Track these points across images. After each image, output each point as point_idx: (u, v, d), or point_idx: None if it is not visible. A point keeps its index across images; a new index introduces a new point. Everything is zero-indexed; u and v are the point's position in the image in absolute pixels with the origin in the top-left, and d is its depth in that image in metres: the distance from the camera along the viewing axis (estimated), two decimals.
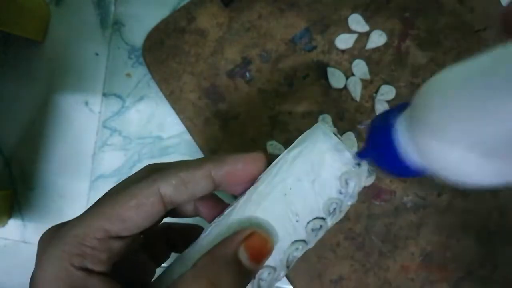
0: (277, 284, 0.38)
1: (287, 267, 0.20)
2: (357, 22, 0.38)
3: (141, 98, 0.40)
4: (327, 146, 0.19)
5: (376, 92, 0.37)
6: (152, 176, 0.18)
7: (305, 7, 0.38)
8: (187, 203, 0.20)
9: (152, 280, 0.21)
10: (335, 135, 0.20)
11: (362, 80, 0.38)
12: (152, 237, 0.24)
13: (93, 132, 0.41)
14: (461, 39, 0.37)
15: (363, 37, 0.38)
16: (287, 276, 0.37)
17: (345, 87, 0.38)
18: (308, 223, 0.19)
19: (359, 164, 0.19)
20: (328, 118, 0.37)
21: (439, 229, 0.36)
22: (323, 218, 0.19)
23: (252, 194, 0.20)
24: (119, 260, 0.19)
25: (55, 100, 0.41)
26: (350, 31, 0.38)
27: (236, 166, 0.19)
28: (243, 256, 0.17)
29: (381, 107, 0.37)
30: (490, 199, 0.36)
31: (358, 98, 0.37)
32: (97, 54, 0.41)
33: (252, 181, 0.20)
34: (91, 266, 0.17)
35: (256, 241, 0.18)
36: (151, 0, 0.40)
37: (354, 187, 0.19)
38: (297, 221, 0.19)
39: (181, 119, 0.39)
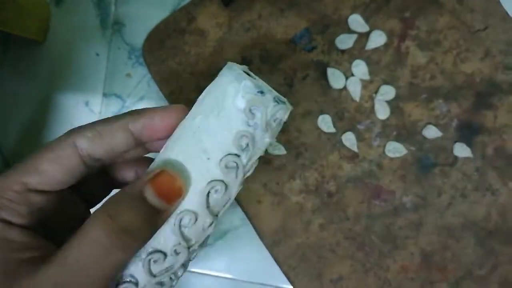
0: (277, 284, 0.38)
1: (214, 214, 0.19)
2: (357, 22, 0.38)
3: (141, 98, 0.40)
4: (229, 79, 0.19)
5: (376, 92, 0.38)
6: (70, 131, 0.19)
7: (305, 7, 0.38)
8: (107, 157, 0.19)
9: None
10: (246, 72, 0.19)
11: (362, 80, 0.38)
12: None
13: None
14: (461, 39, 0.38)
15: (363, 37, 0.38)
16: (287, 276, 0.37)
17: (345, 87, 0.38)
18: (220, 160, 0.18)
19: (262, 92, 0.18)
20: (327, 118, 0.37)
21: (439, 229, 0.36)
22: (236, 155, 0.19)
23: (168, 141, 0.19)
24: (47, 217, 0.19)
25: (55, 100, 0.41)
26: (350, 31, 0.38)
27: (153, 118, 0.19)
28: (149, 193, 0.17)
29: (380, 107, 0.37)
30: (490, 199, 0.36)
31: (357, 98, 0.37)
32: (97, 54, 0.41)
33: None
34: (9, 218, 0.17)
35: (163, 179, 0.18)
36: (151, 0, 0.40)
37: (261, 117, 0.18)
38: (208, 158, 0.18)
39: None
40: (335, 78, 0.37)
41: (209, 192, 0.19)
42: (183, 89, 0.39)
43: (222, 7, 0.39)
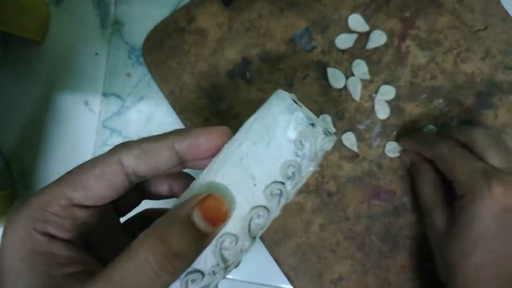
0: (277, 284, 0.38)
1: (253, 237, 0.19)
2: (357, 22, 0.38)
3: (141, 98, 0.40)
4: (280, 108, 0.19)
5: (376, 92, 0.37)
6: (116, 147, 0.19)
7: (305, 6, 0.38)
8: (151, 175, 0.20)
9: None
10: (294, 101, 0.19)
11: (362, 80, 0.38)
12: (132, 224, 0.24)
13: (93, 132, 0.41)
14: (461, 39, 0.37)
15: (363, 37, 0.38)
16: (287, 276, 0.37)
17: (345, 87, 0.38)
18: (266, 187, 0.19)
19: (313, 124, 0.19)
20: (328, 117, 0.37)
21: None
22: (281, 183, 0.19)
23: (213, 163, 0.20)
24: (89, 231, 0.19)
25: (55, 100, 0.41)
26: (350, 31, 0.38)
27: (199, 138, 0.19)
28: (197, 217, 0.17)
29: (380, 107, 0.37)
30: None
31: (358, 98, 0.37)
32: (97, 54, 0.41)
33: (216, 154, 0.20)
34: (53, 232, 0.17)
35: (210, 203, 0.18)
36: (151, 0, 0.40)
37: (310, 148, 0.19)
38: (254, 185, 0.19)
39: (181, 119, 0.39)
40: (335, 78, 0.37)
41: (252, 217, 0.19)
42: (183, 89, 0.38)
43: (222, 7, 0.39)
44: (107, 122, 0.40)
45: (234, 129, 0.38)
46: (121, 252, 0.17)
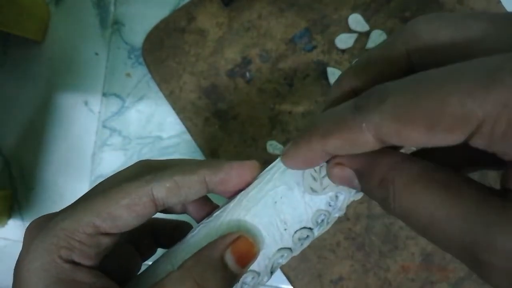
0: (277, 284, 0.38)
1: (271, 272, 0.20)
2: (357, 22, 0.38)
3: (141, 98, 0.40)
4: None
5: None
6: (146, 177, 0.19)
7: (305, 6, 0.38)
8: (178, 205, 0.20)
9: (137, 274, 0.21)
10: None
11: None
12: (139, 231, 0.23)
13: (93, 132, 0.41)
14: None
15: (363, 36, 0.38)
16: (287, 276, 0.37)
17: None
18: (295, 232, 0.19)
19: None
20: None
21: None
22: (310, 229, 0.20)
23: (243, 198, 0.20)
24: (107, 254, 0.19)
25: (55, 100, 0.41)
26: (350, 30, 0.38)
27: (230, 173, 0.20)
28: (230, 259, 0.18)
29: None
30: None
31: None
32: (97, 54, 0.41)
33: (245, 187, 0.20)
34: (78, 260, 0.17)
35: (242, 245, 0.18)
36: (151, 0, 0.40)
37: (344, 200, 0.19)
38: (285, 229, 0.19)
39: (181, 119, 0.39)
40: (335, 78, 0.37)
41: (276, 258, 0.20)
42: (183, 88, 0.38)
43: (222, 7, 0.39)
44: (107, 122, 0.40)
45: (235, 130, 0.38)
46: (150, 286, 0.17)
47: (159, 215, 0.23)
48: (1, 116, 0.41)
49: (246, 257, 0.18)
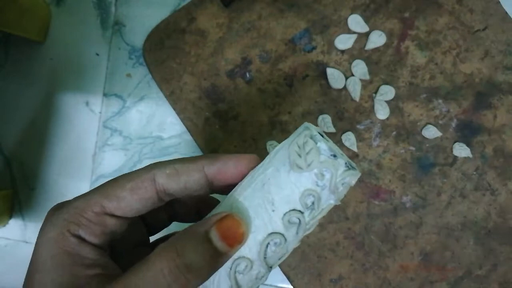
0: (277, 283, 0.38)
1: (269, 266, 0.20)
2: (356, 23, 0.38)
3: (141, 98, 0.40)
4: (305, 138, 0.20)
5: (376, 92, 0.38)
6: (150, 165, 0.20)
7: (305, 7, 0.39)
8: (179, 194, 0.21)
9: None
10: (320, 134, 0.20)
11: (362, 80, 0.38)
12: (162, 240, 0.25)
13: (94, 132, 0.41)
14: (460, 39, 0.38)
15: (363, 37, 0.38)
16: (287, 276, 0.37)
17: (344, 87, 0.38)
18: (284, 214, 0.19)
19: (334, 156, 0.19)
20: (327, 118, 0.37)
21: (438, 229, 0.37)
22: (300, 211, 0.19)
23: (238, 186, 0.20)
24: (116, 240, 0.20)
25: (56, 100, 0.41)
26: (349, 31, 0.38)
27: (227, 164, 0.21)
28: (214, 235, 0.18)
29: (380, 107, 0.37)
30: (489, 198, 0.36)
31: (357, 98, 0.37)
32: (97, 55, 0.41)
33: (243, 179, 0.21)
34: (84, 235, 0.19)
35: (229, 222, 0.18)
36: (151, 0, 0.41)
37: (331, 179, 0.19)
38: (273, 210, 0.19)
39: (181, 119, 0.39)
40: (335, 78, 0.38)
41: (268, 244, 0.19)
42: (183, 89, 0.39)
43: (222, 8, 0.39)
44: (107, 122, 0.41)
45: (235, 130, 0.38)
46: (140, 261, 0.18)
47: (182, 226, 0.25)
48: (2, 116, 0.41)
49: (233, 235, 0.18)
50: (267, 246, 0.19)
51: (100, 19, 0.41)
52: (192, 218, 0.25)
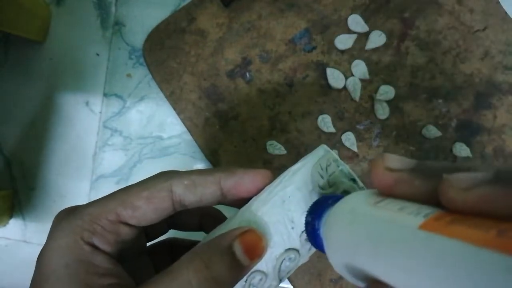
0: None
1: (279, 278, 0.20)
2: (356, 23, 0.38)
3: (141, 99, 0.40)
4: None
5: (376, 92, 0.38)
6: (167, 175, 0.20)
7: (305, 7, 0.39)
8: (194, 206, 0.21)
9: None
10: (336, 155, 0.20)
11: (362, 80, 0.38)
12: (158, 246, 0.25)
13: (94, 132, 0.41)
14: (460, 39, 0.38)
15: (363, 37, 0.38)
16: None
17: (344, 87, 0.38)
18: (302, 232, 0.20)
19: (354, 180, 0.20)
20: (327, 118, 0.38)
21: None
22: None
23: (254, 201, 0.20)
24: (125, 249, 0.20)
25: (56, 100, 0.41)
26: (349, 31, 0.38)
27: (244, 178, 0.21)
28: (237, 248, 0.18)
29: (380, 107, 0.37)
30: None
31: (357, 98, 0.37)
32: (97, 55, 0.41)
33: (257, 194, 0.21)
34: (97, 243, 0.18)
35: (251, 237, 0.19)
36: (151, 0, 0.41)
37: None
38: (292, 228, 0.20)
39: (182, 119, 0.39)
40: (335, 78, 0.38)
41: (284, 259, 0.20)
42: (184, 89, 0.39)
43: (222, 8, 0.39)
44: (108, 122, 0.41)
45: (235, 130, 0.38)
46: (163, 271, 0.17)
47: (176, 234, 0.24)
48: (2, 116, 0.41)
49: (254, 249, 0.19)
50: (282, 261, 0.20)
51: (100, 19, 0.41)
52: (192, 227, 0.25)
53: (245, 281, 0.19)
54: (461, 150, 0.37)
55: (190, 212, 0.25)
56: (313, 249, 0.20)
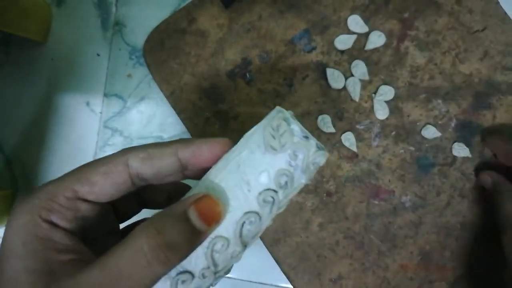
0: (277, 283, 0.39)
1: (244, 244, 0.20)
2: (356, 23, 0.38)
3: (142, 99, 0.41)
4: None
5: (375, 92, 0.38)
6: (124, 150, 0.20)
7: (305, 8, 0.39)
8: (153, 179, 0.21)
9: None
10: (291, 117, 0.21)
11: (361, 81, 0.38)
12: (132, 227, 0.25)
13: (94, 132, 0.41)
14: (459, 39, 0.38)
15: (362, 37, 0.38)
16: (287, 275, 0.37)
17: (344, 88, 0.38)
18: (259, 194, 0.20)
19: (306, 137, 0.20)
20: (327, 118, 0.38)
21: (437, 229, 0.37)
22: (274, 190, 0.20)
23: (212, 169, 0.20)
24: (88, 227, 0.20)
25: (56, 100, 0.41)
26: (349, 32, 0.38)
27: (201, 148, 0.20)
28: (192, 214, 0.18)
29: (380, 107, 0.37)
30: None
31: (357, 99, 0.38)
32: (98, 55, 0.41)
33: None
34: (56, 221, 0.18)
35: (206, 202, 0.19)
36: (152, 1, 0.41)
37: (303, 159, 0.20)
38: (248, 190, 0.20)
39: (182, 119, 0.39)
40: (335, 79, 0.38)
41: (244, 223, 0.20)
42: (184, 89, 0.39)
43: (222, 8, 0.39)
44: (108, 123, 0.41)
45: (235, 130, 0.38)
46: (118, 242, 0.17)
47: (151, 213, 0.24)
48: (3, 116, 0.41)
49: (210, 214, 0.19)
50: (242, 225, 0.20)
51: (100, 19, 0.41)
52: (162, 204, 0.25)
53: (207, 248, 0.19)
54: (460, 150, 0.37)
55: (158, 188, 0.24)
56: (274, 212, 0.20)
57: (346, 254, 0.37)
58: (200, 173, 0.21)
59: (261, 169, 0.20)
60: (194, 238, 0.18)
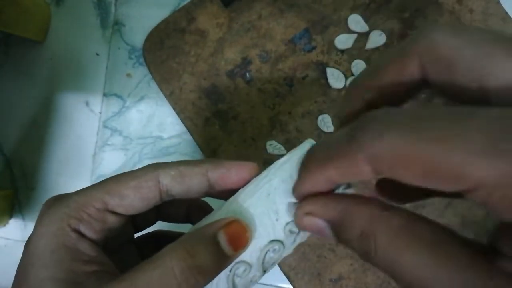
0: (277, 283, 0.39)
1: (264, 270, 0.20)
2: (356, 23, 0.38)
3: (141, 98, 0.40)
4: None
5: None
6: (154, 165, 0.20)
7: (305, 7, 0.39)
8: (180, 196, 0.21)
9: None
10: None
11: None
12: (145, 238, 0.25)
13: (94, 132, 0.41)
14: None
15: (363, 37, 0.38)
16: (287, 276, 0.37)
17: (344, 87, 0.38)
18: (287, 224, 0.20)
19: None
20: (327, 118, 0.38)
21: None
22: None
23: (241, 193, 0.21)
24: (111, 238, 0.20)
25: (56, 100, 0.41)
26: (349, 31, 0.38)
27: (230, 170, 0.21)
28: (222, 238, 0.18)
29: None
30: None
31: None
32: (97, 54, 0.41)
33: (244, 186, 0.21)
34: (84, 231, 0.19)
35: (235, 227, 0.19)
36: (151, 0, 0.41)
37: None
38: (276, 219, 0.20)
39: (182, 119, 0.39)
40: (335, 78, 0.38)
41: (268, 250, 0.20)
42: (183, 89, 0.39)
43: (222, 8, 0.39)
44: (107, 122, 0.41)
45: (235, 130, 0.38)
46: (147, 259, 0.18)
47: (164, 226, 0.24)
48: (2, 116, 0.41)
49: (238, 240, 0.19)
50: (266, 253, 0.20)
51: (100, 19, 0.41)
52: (180, 219, 0.25)
53: (230, 271, 0.20)
54: None
55: (177, 203, 0.25)
56: (297, 241, 0.20)
57: (346, 254, 0.37)
58: (223, 194, 0.21)
59: (291, 199, 0.20)
60: (221, 262, 0.19)
